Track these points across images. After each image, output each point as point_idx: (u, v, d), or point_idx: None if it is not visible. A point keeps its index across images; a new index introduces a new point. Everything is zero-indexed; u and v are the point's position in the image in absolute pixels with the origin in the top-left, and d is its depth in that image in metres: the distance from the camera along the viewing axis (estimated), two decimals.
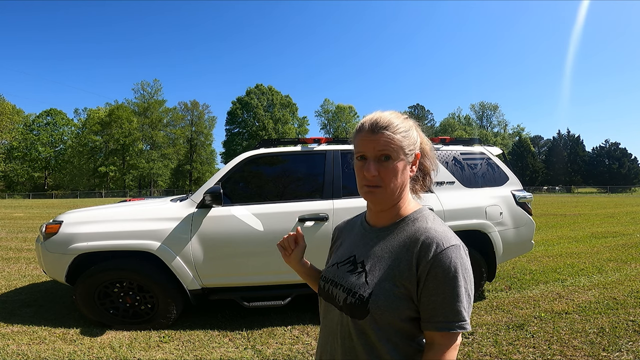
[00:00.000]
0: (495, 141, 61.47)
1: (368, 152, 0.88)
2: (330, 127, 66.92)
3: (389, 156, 0.88)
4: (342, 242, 1.08)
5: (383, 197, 0.90)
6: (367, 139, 0.88)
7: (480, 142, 4.10)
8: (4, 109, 51.71)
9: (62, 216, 3.36)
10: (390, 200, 0.92)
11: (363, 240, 0.99)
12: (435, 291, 0.82)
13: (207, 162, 63.46)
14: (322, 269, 1.10)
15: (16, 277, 5.09)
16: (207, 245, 3.20)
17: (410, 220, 0.92)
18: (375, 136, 0.87)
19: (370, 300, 0.86)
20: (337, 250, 1.08)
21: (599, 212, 14.65)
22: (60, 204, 27.78)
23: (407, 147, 0.90)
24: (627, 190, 49.11)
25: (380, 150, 0.87)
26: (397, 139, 0.87)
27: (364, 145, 0.89)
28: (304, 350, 2.84)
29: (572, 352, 2.72)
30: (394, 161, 0.88)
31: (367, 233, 0.99)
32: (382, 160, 0.88)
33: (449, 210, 3.48)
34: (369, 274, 0.90)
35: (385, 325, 0.86)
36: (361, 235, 1.01)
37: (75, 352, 2.82)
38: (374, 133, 0.88)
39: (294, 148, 3.65)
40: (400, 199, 0.94)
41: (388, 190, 0.89)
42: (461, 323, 0.81)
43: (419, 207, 0.96)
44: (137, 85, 61.24)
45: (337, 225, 1.17)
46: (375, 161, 0.88)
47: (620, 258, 5.83)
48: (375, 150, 0.87)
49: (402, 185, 0.91)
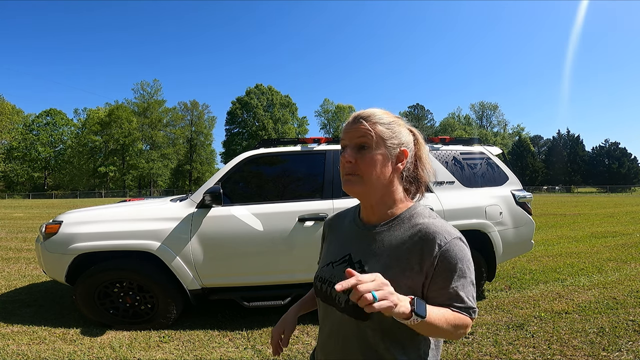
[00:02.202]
0: (495, 141, 61.50)
1: (347, 141, 0.91)
2: (330, 127, 66.94)
3: (367, 145, 0.88)
4: (333, 238, 1.06)
5: (361, 187, 0.90)
6: (348, 129, 0.91)
7: (480, 142, 4.10)
8: (4, 109, 51.71)
9: (62, 216, 3.36)
10: (371, 192, 0.91)
11: (357, 238, 0.97)
12: (445, 284, 0.84)
13: (207, 162, 63.45)
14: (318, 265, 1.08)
15: (16, 277, 5.09)
16: (207, 245, 3.19)
17: (406, 218, 0.92)
18: (355, 125, 0.90)
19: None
20: (329, 246, 1.05)
21: (598, 212, 14.66)
22: (60, 204, 27.78)
23: (389, 140, 0.89)
24: (626, 190, 49.14)
25: (358, 137, 0.89)
26: (377, 129, 0.88)
27: (345, 135, 0.92)
28: (304, 350, 2.84)
29: (572, 352, 2.72)
30: (373, 150, 0.88)
31: (361, 230, 0.97)
32: (361, 149, 0.89)
33: (448, 210, 3.48)
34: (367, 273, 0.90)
35: (388, 325, 0.85)
36: (354, 232, 0.99)
37: (75, 352, 2.82)
38: (355, 123, 0.90)
39: (293, 148, 3.65)
40: (386, 193, 0.92)
41: (366, 179, 0.88)
42: (470, 311, 0.85)
43: (412, 204, 0.95)
44: (136, 85, 61.39)
45: (326, 220, 1.15)
46: (353, 149, 0.89)
47: (620, 258, 5.83)
48: (353, 138, 0.90)
49: (385, 178, 0.90)
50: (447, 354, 2.73)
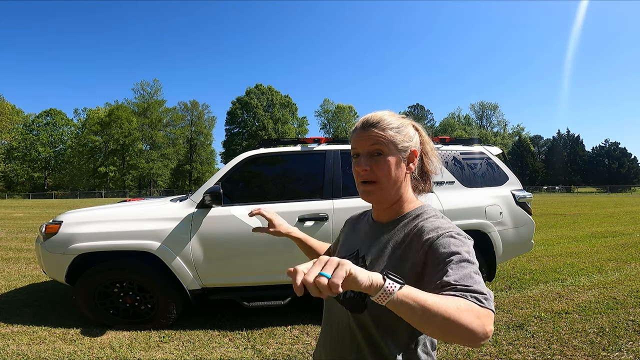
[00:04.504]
0: (495, 141, 61.48)
1: (360, 149, 0.91)
2: (330, 127, 66.92)
3: (381, 151, 0.89)
4: (347, 235, 1.10)
5: (379, 194, 0.91)
6: (359, 137, 0.92)
7: (480, 142, 4.10)
8: (4, 109, 51.72)
9: (62, 216, 3.36)
10: (387, 197, 0.92)
11: (367, 235, 1.00)
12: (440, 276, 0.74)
13: (207, 162, 63.46)
14: None
15: (16, 277, 5.09)
16: (207, 245, 3.19)
17: (412, 217, 0.93)
18: (366, 133, 0.90)
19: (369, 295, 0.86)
20: (344, 243, 1.09)
21: (598, 212, 14.66)
22: (60, 204, 27.77)
23: (400, 143, 0.90)
24: (626, 189, 49.17)
25: (371, 145, 0.90)
26: (388, 135, 0.89)
27: (357, 143, 0.92)
28: (304, 350, 2.84)
29: (572, 352, 2.72)
30: (386, 156, 0.89)
31: (371, 229, 1.00)
32: (374, 156, 0.90)
33: (448, 210, 3.48)
34: (369, 268, 0.91)
35: (383, 320, 0.86)
36: (366, 230, 1.02)
37: (75, 352, 2.82)
38: (365, 130, 0.91)
39: (293, 148, 3.65)
40: (399, 195, 0.94)
41: (382, 185, 0.90)
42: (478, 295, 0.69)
43: (422, 204, 0.96)
44: (136, 86, 61.35)
45: (348, 218, 1.18)
46: (367, 157, 0.90)
47: (620, 258, 5.83)
48: (366, 146, 0.90)
49: (399, 181, 0.92)
50: (447, 354, 2.73)
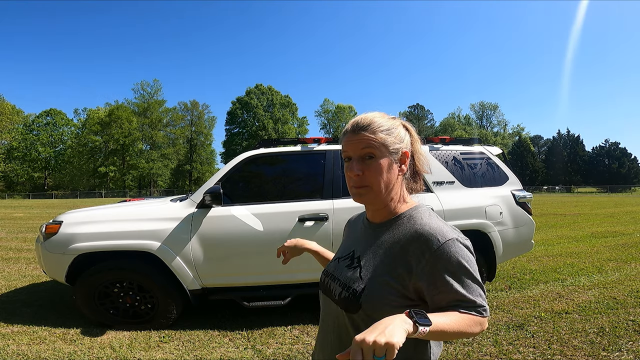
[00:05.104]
0: (495, 141, 61.51)
1: (352, 152, 0.91)
2: (330, 127, 66.98)
3: (372, 154, 0.89)
4: (347, 236, 1.12)
5: (371, 197, 0.92)
6: (350, 140, 0.91)
7: (480, 142, 4.10)
8: (4, 109, 51.72)
9: (62, 216, 3.36)
10: (379, 199, 0.92)
11: (362, 236, 1.01)
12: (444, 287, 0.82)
13: (207, 162, 63.48)
14: None
15: (16, 277, 5.09)
16: (207, 245, 3.19)
17: (406, 217, 0.93)
18: (357, 136, 0.90)
19: (363, 295, 0.87)
20: (343, 243, 1.11)
21: (598, 212, 14.66)
22: (60, 204, 27.78)
23: (392, 145, 0.90)
24: (627, 189, 49.16)
25: (362, 149, 0.89)
26: (379, 137, 0.89)
27: (348, 146, 0.92)
28: (304, 350, 2.84)
29: (572, 352, 2.72)
30: (378, 159, 0.89)
31: (366, 229, 1.01)
32: (366, 159, 0.90)
33: (448, 210, 3.48)
34: (363, 269, 0.92)
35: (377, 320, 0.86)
36: (361, 231, 1.03)
37: (75, 352, 2.82)
38: (356, 133, 0.90)
39: (293, 148, 3.65)
40: (391, 197, 0.94)
41: (375, 188, 0.90)
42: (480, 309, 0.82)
43: (415, 205, 0.96)
44: (136, 86, 61.35)
45: (349, 218, 1.19)
46: (359, 160, 0.90)
47: (620, 258, 5.83)
48: (358, 150, 0.90)
49: (391, 184, 0.92)
50: (447, 354, 2.73)
